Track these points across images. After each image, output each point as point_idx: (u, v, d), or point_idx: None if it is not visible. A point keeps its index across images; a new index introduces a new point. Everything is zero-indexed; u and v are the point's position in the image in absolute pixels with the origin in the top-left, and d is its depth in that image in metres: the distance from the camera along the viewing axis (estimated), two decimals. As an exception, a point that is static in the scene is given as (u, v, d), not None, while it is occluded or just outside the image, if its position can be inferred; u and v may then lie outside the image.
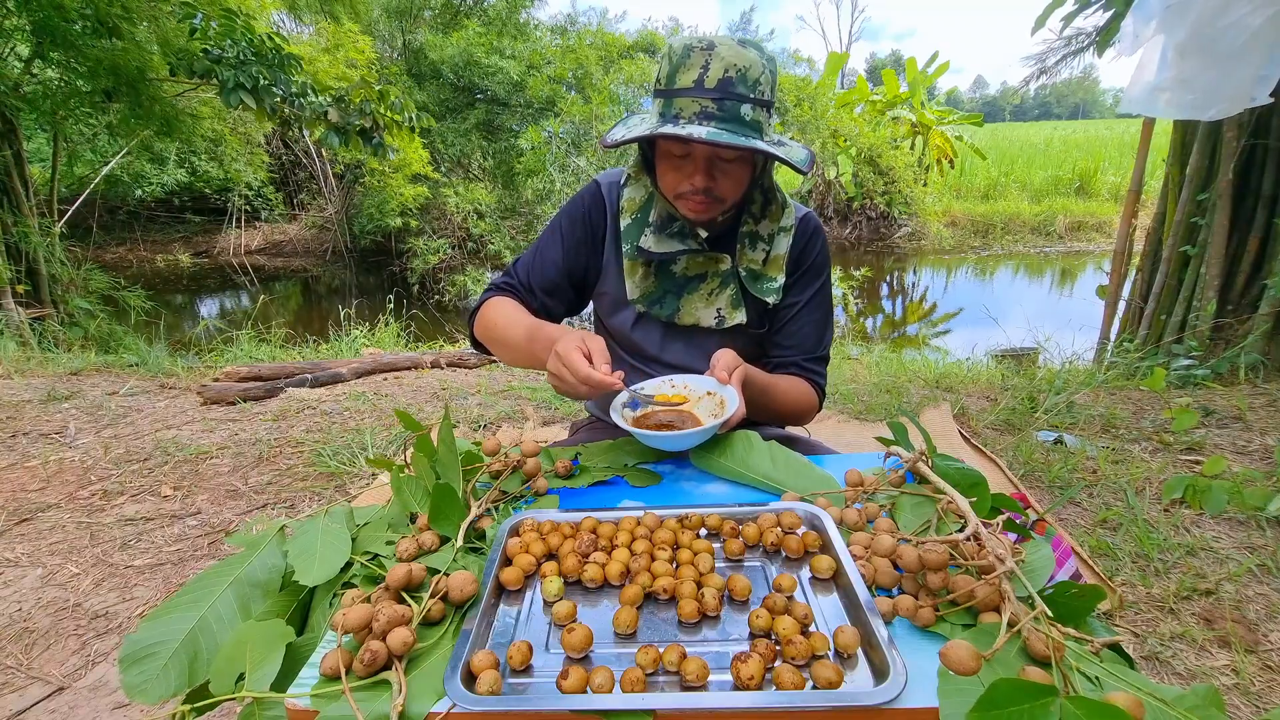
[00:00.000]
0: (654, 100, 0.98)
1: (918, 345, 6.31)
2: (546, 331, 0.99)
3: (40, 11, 4.30)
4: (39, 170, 7.41)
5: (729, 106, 0.90)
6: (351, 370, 3.62)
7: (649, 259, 1.08)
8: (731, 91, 0.90)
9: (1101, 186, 13.34)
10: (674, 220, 1.06)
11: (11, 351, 4.00)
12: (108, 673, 1.44)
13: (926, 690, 0.52)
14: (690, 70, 0.90)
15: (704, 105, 0.90)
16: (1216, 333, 3.30)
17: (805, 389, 1.14)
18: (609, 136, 1.00)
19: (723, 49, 0.90)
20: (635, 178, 1.11)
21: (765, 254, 1.09)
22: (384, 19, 10.45)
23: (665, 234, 1.06)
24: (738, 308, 1.10)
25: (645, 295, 1.11)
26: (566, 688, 0.52)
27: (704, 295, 1.10)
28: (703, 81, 0.90)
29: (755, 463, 0.89)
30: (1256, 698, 1.28)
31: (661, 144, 1.00)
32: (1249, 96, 2.02)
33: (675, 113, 0.92)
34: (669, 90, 0.93)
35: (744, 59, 0.90)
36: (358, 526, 0.77)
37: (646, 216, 1.08)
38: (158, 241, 11.86)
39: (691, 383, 1.02)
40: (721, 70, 0.89)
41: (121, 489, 2.24)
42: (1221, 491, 1.79)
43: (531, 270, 1.16)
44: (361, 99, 5.01)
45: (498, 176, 10.67)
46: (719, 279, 1.10)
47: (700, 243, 1.07)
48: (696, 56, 0.90)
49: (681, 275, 1.10)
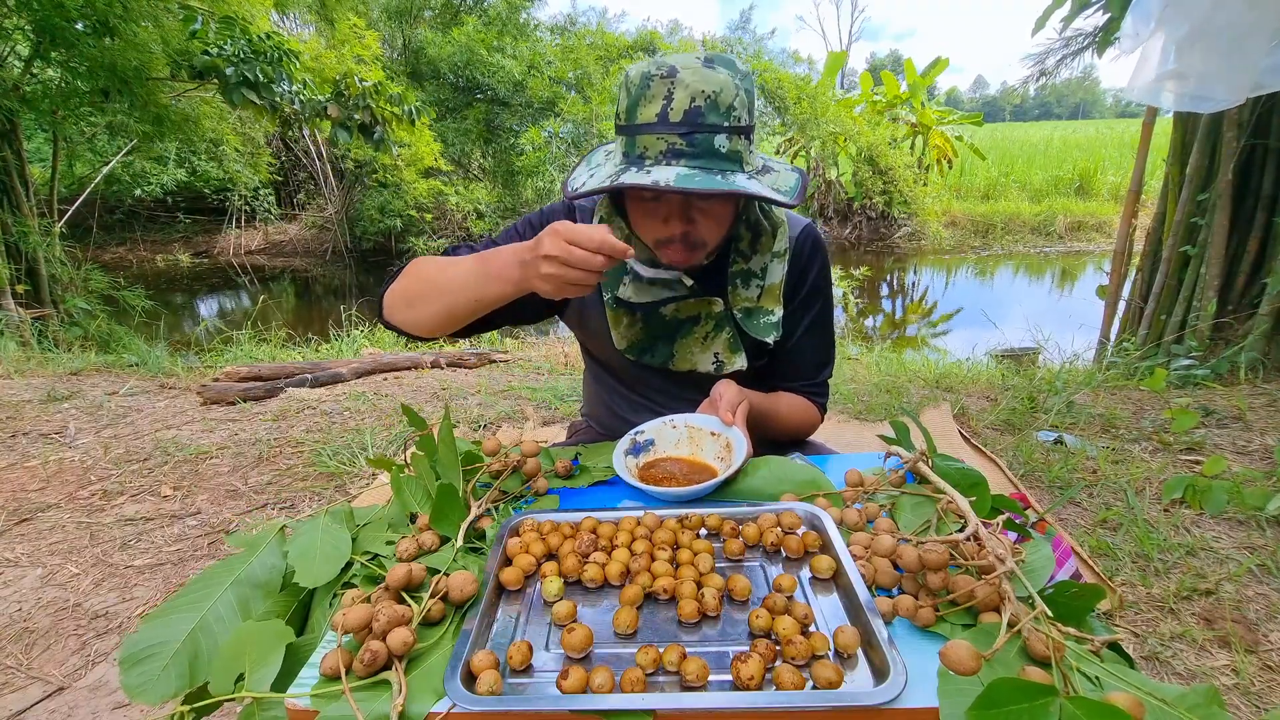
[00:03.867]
0: (618, 136, 0.86)
1: (918, 345, 6.31)
2: (505, 249, 0.83)
3: (40, 11, 4.30)
4: (39, 170, 7.40)
5: (700, 140, 0.79)
6: (351, 370, 3.62)
7: (632, 310, 0.99)
8: (701, 123, 0.78)
9: (1101, 186, 13.33)
10: (655, 265, 0.95)
11: (11, 351, 4.00)
12: (108, 673, 1.44)
13: (926, 690, 0.52)
14: (652, 102, 0.79)
15: (671, 142, 0.79)
16: (1216, 333, 3.30)
17: (805, 407, 1.09)
18: (570, 184, 0.90)
19: (686, 74, 0.78)
20: (609, 219, 0.99)
21: (759, 289, 0.99)
22: (384, 19, 10.45)
23: (645, 281, 0.96)
24: (736, 351, 1.01)
25: (633, 344, 1.02)
26: (566, 688, 0.52)
27: (698, 340, 1.01)
28: (667, 115, 0.78)
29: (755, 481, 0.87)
30: (1256, 698, 1.28)
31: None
32: (1255, 85, 2.01)
33: (640, 152, 0.81)
34: (630, 126, 0.81)
35: (712, 83, 0.78)
36: (358, 526, 0.77)
37: (624, 263, 0.95)
38: (158, 241, 11.86)
39: (695, 423, 0.95)
40: (688, 99, 0.77)
41: (121, 489, 2.24)
42: (1221, 491, 1.79)
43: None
44: (358, 93, 5.00)
45: (498, 176, 10.67)
46: (713, 321, 1.00)
47: (688, 288, 0.96)
48: (657, 86, 0.78)
49: (672, 319, 1.00)
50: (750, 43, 10.43)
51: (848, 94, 12.68)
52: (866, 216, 12.04)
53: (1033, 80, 5.04)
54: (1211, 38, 2.00)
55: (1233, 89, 2.03)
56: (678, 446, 0.95)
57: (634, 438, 0.94)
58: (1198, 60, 2.05)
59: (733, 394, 0.93)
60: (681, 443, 0.95)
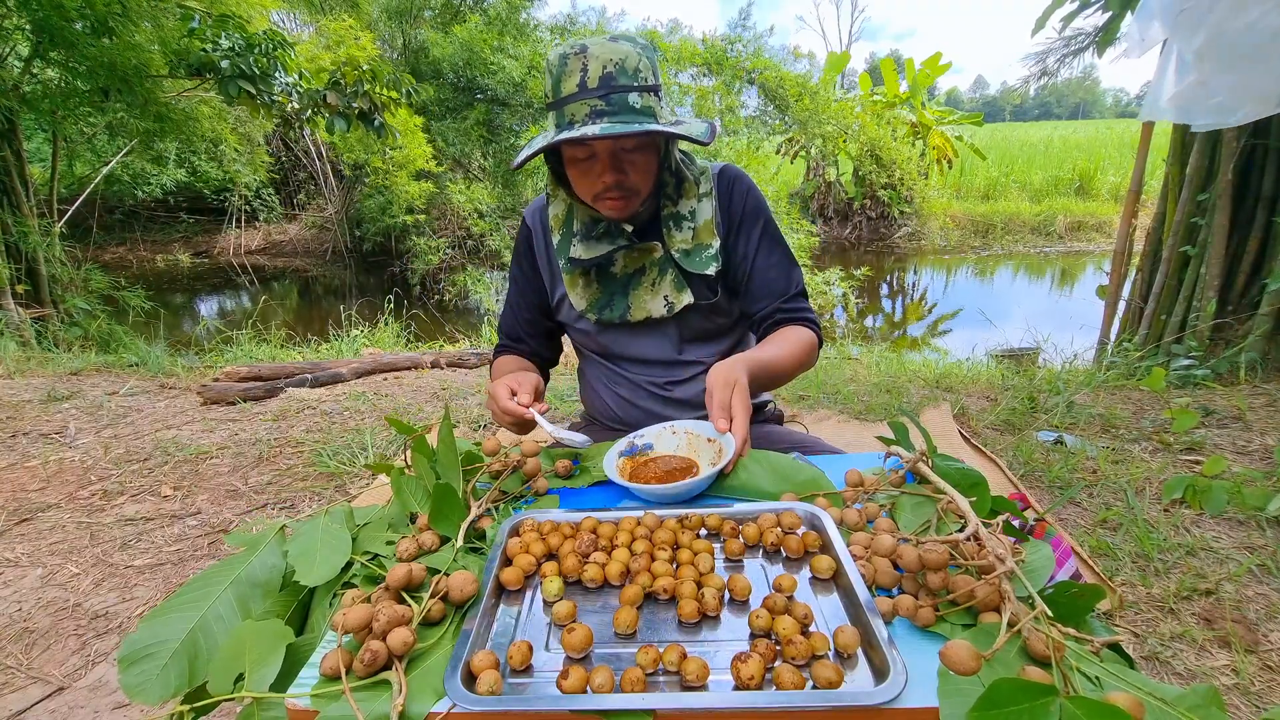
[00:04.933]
0: (548, 113, 0.99)
1: (918, 345, 6.31)
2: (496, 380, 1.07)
3: (40, 11, 4.30)
4: (39, 170, 7.40)
5: (616, 99, 0.92)
6: (351, 370, 3.62)
7: (585, 267, 1.11)
8: (615, 85, 0.92)
9: (1101, 186, 13.33)
10: (598, 223, 1.09)
11: (11, 351, 4.00)
12: (108, 673, 1.44)
13: (926, 690, 0.52)
14: (571, 76, 0.92)
15: (593, 105, 0.92)
16: (1216, 333, 3.30)
17: (800, 335, 1.10)
18: (517, 159, 1.02)
19: (595, 48, 0.92)
20: (553, 195, 1.15)
21: (691, 230, 1.10)
22: (384, 19, 10.45)
23: (592, 238, 1.09)
24: (682, 290, 1.11)
25: (593, 303, 1.13)
26: (566, 688, 0.52)
27: (648, 287, 1.12)
28: (585, 83, 0.92)
29: (755, 481, 0.86)
30: (1256, 698, 1.28)
31: (567, 152, 1.01)
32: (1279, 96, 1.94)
33: (569, 120, 0.94)
34: (557, 100, 0.94)
35: (618, 52, 0.92)
36: (358, 526, 0.77)
37: (572, 228, 1.12)
38: (158, 241, 11.86)
39: (693, 428, 0.97)
40: (600, 68, 0.91)
41: (121, 489, 2.24)
42: (1221, 491, 1.79)
43: (510, 324, 1.25)
44: (355, 79, 5.00)
45: (498, 176, 10.67)
46: (656, 268, 1.11)
47: (629, 237, 1.09)
48: (573, 61, 0.92)
49: (621, 274, 1.12)
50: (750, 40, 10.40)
51: (848, 94, 12.67)
52: (867, 216, 12.04)
53: (1033, 80, 5.05)
54: (1230, 45, 1.93)
55: (1262, 100, 1.95)
56: (676, 451, 0.97)
57: (633, 440, 0.95)
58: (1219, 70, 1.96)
59: (722, 395, 0.90)
60: (680, 448, 0.97)
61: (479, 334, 5.82)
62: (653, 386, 1.19)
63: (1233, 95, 2.00)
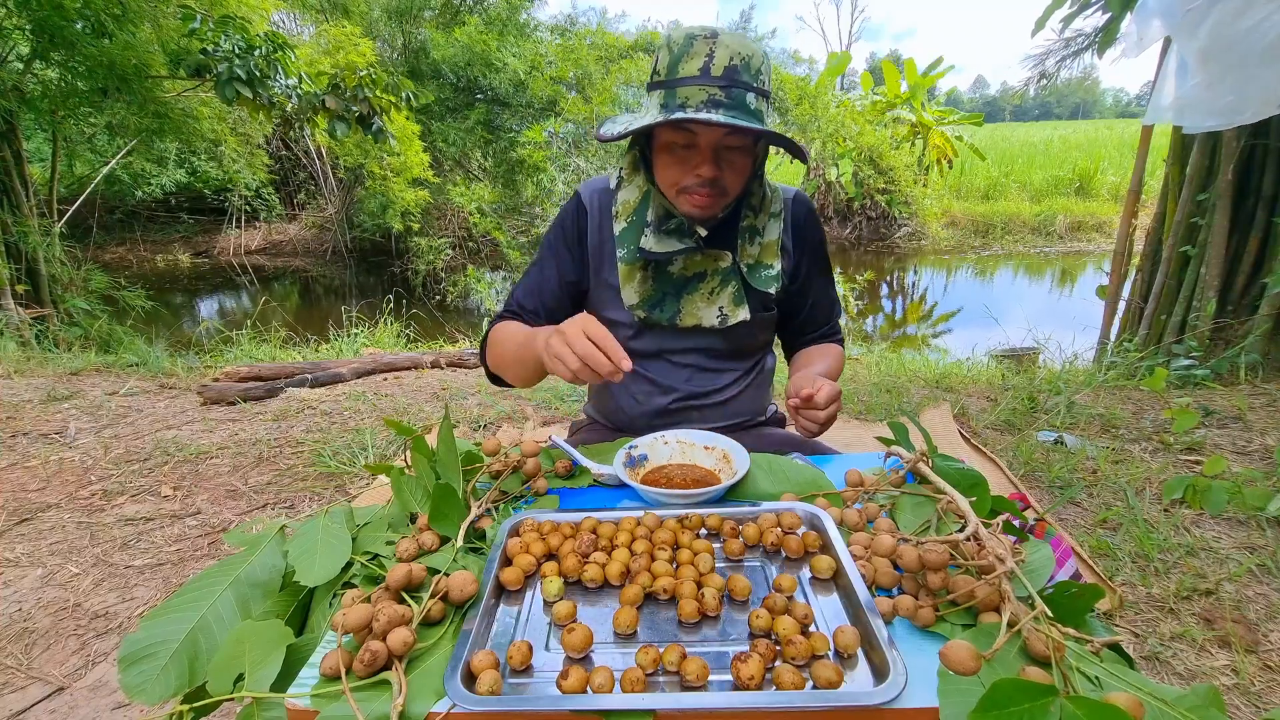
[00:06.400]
0: (651, 93, 0.95)
1: (918, 345, 6.31)
2: (543, 330, 0.92)
3: (40, 11, 4.30)
4: (39, 170, 7.40)
5: (736, 94, 0.88)
6: (351, 370, 3.62)
7: (649, 259, 1.05)
8: (737, 79, 0.88)
9: (1101, 186, 13.32)
10: (671, 218, 1.03)
11: (11, 351, 4.00)
12: (108, 673, 1.44)
13: (926, 690, 0.52)
14: (695, 59, 0.88)
15: (711, 93, 0.88)
16: (1216, 333, 3.30)
17: (838, 354, 1.20)
18: (604, 131, 0.97)
19: (726, 37, 0.89)
20: (628, 178, 1.08)
21: (760, 245, 1.09)
22: (384, 19, 10.44)
23: (663, 232, 1.03)
24: (740, 304, 1.08)
25: (644, 300, 1.07)
26: (566, 688, 0.52)
27: (704, 294, 1.08)
28: (709, 69, 0.88)
29: (755, 481, 0.87)
30: (1256, 698, 1.28)
31: (663, 136, 0.97)
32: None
33: (680, 102, 0.89)
34: (672, 80, 0.90)
35: (747, 48, 0.89)
36: (358, 526, 0.77)
37: (644, 217, 1.05)
38: (158, 241, 11.85)
39: (685, 437, 0.96)
40: (727, 58, 0.88)
41: (121, 489, 2.24)
42: (1221, 491, 1.78)
43: (532, 294, 1.13)
44: (355, 84, 4.99)
45: (498, 176, 10.66)
46: (719, 277, 1.07)
47: (698, 240, 1.04)
48: (700, 44, 0.89)
49: (679, 276, 1.07)
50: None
51: (847, 94, 12.67)
52: (866, 216, 12.04)
53: (1033, 82, 5.04)
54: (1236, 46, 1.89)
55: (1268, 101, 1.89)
56: (671, 460, 0.95)
57: (629, 452, 0.93)
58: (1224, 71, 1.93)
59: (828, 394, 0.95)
60: (674, 457, 0.95)
61: (479, 334, 5.82)
62: (673, 391, 1.15)
63: (1239, 96, 1.98)
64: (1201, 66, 2.01)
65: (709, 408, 1.17)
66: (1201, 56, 1.99)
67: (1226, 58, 1.94)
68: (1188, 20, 1.98)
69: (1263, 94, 1.93)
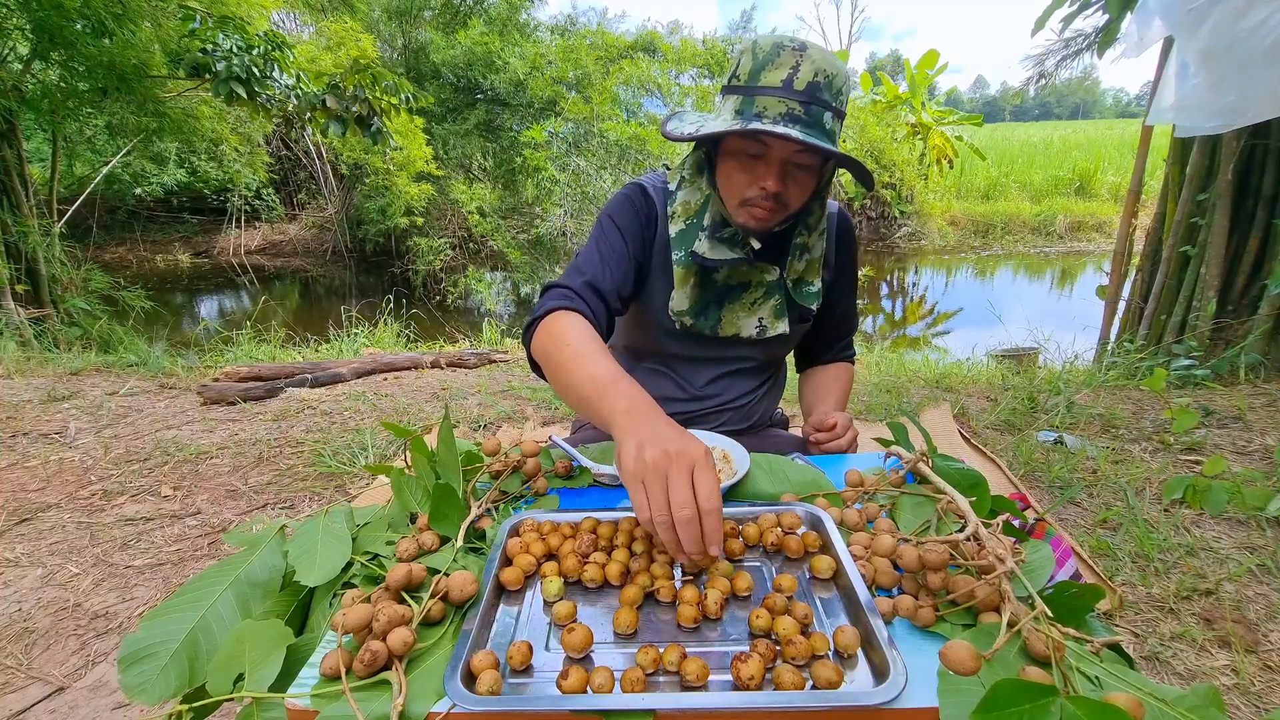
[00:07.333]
0: (726, 97, 0.92)
1: (918, 345, 6.31)
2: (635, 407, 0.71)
3: (40, 11, 4.30)
4: (39, 170, 7.40)
5: (815, 112, 0.86)
6: (351, 370, 3.62)
7: (703, 265, 1.02)
8: (819, 97, 0.86)
9: (1101, 186, 13.33)
10: (725, 225, 1.00)
11: (11, 351, 4.00)
12: (108, 673, 1.44)
13: (926, 690, 0.52)
14: (779, 69, 0.86)
15: (790, 107, 0.86)
16: (1216, 333, 3.30)
17: (848, 371, 1.26)
18: (672, 128, 0.95)
19: (814, 51, 0.86)
20: (690, 180, 1.04)
21: (807, 261, 1.07)
22: (384, 19, 10.44)
23: (717, 239, 1.01)
24: (780, 318, 1.07)
25: (691, 306, 1.06)
26: (566, 688, 0.52)
27: (746, 305, 1.07)
28: (791, 82, 0.85)
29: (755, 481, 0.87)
30: (1256, 698, 1.28)
31: (735, 144, 0.94)
32: None
33: (758, 111, 0.87)
34: (752, 87, 0.88)
35: (833, 65, 0.87)
36: (358, 526, 0.77)
37: (701, 221, 1.02)
38: (158, 241, 11.85)
39: None
40: (812, 73, 0.85)
41: (121, 489, 2.24)
42: (1222, 491, 1.78)
43: (598, 272, 1.00)
44: (355, 84, 4.99)
45: (498, 177, 10.66)
46: (763, 289, 1.06)
47: (749, 253, 1.02)
48: (787, 55, 0.86)
49: (723, 284, 1.06)
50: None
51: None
52: (867, 216, 12.04)
53: (1033, 82, 5.05)
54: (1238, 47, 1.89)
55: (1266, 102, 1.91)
56: None
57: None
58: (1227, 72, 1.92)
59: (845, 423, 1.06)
60: None
61: (479, 334, 5.82)
62: (695, 396, 1.15)
63: (1241, 97, 1.97)
64: (1203, 67, 2.00)
65: (728, 411, 1.17)
66: (1203, 57, 1.99)
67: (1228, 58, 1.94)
68: (1189, 21, 1.97)
69: (1265, 94, 1.92)
